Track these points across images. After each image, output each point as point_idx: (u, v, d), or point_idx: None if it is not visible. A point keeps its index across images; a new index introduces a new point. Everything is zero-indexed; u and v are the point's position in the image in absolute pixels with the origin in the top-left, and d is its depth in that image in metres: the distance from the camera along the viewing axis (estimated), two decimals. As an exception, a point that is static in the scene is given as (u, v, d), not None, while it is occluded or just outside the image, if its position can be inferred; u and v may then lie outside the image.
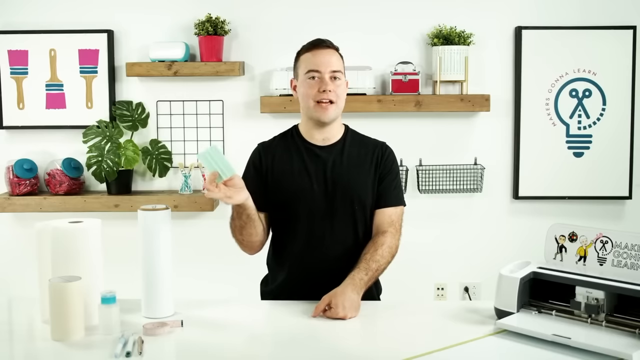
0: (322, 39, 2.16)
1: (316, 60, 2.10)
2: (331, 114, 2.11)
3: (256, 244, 2.14)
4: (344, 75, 2.16)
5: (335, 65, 2.10)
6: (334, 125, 2.16)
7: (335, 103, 2.10)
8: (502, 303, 1.84)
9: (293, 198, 2.13)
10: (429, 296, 3.59)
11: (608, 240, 1.82)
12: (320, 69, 2.09)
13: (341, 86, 2.12)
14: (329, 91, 2.08)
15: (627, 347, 1.59)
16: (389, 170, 2.18)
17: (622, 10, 3.48)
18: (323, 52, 2.11)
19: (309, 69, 2.10)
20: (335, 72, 2.10)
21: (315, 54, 2.11)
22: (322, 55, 2.10)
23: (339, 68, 2.12)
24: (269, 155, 2.18)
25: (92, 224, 1.89)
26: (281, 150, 2.19)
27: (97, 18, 3.46)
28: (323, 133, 2.16)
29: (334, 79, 2.10)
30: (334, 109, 2.11)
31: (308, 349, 1.71)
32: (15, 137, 3.52)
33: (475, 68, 3.47)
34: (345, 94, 2.16)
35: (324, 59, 2.10)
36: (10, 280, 3.44)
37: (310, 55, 2.12)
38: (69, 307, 1.74)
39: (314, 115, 2.12)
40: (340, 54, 2.16)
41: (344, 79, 2.15)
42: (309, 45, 2.15)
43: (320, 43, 2.13)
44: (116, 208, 3.37)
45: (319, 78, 2.09)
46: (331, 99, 2.09)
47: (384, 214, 2.16)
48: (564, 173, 3.52)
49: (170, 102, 3.51)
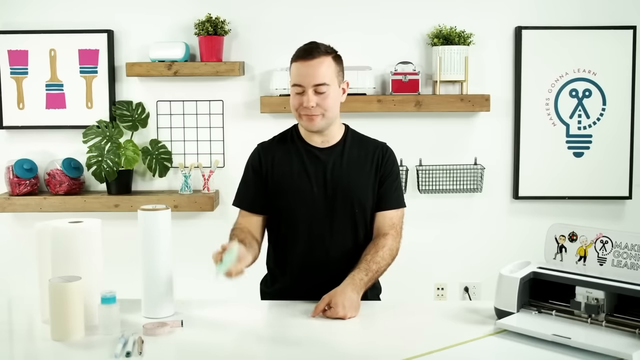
0: (313, 46, 2.07)
1: (301, 73, 2.04)
2: (318, 124, 2.07)
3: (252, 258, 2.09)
4: (339, 79, 2.09)
5: (320, 77, 2.03)
6: (331, 128, 2.13)
7: (320, 115, 2.05)
8: (502, 303, 1.84)
9: (293, 201, 2.12)
10: (429, 296, 3.59)
11: (608, 240, 1.82)
12: (303, 83, 2.04)
13: (329, 96, 2.04)
14: (312, 107, 2.04)
15: (627, 347, 1.59)
16: (390, 172, 2.17)
17: (622, 10, 3.48)
18: (308, 65, 2.03)
19: (294, 83, 2.07)
20: (319, 86, 2.03)
21: (301, 65, 2.05)
22: (306, 68, 2.03)
23: (324, 80, 2.03)
24: (269, 157, 2.16)
25: (92, 224, 1.89)
26: (281, 152, 2.17)
27: (97, 18, 3.46)
28: (321, 136, 2.15)
29: (318, 93, 2.03)
30: (320, 120, 2.06)
31: (308, 349, 1.71)
32: (15, 137, 3.52)
33: (475, 68, 3.47)
34: (336, 101, 2.09)
35: (308, 71, 2.03)
36: (10, 280, 3.44)
37: (297, 66, 2.06)
38: (69, 307, 1.74)
39: (302, 125, 2.12)
40: (336, 57, 2.10)
41: (336, 86, 2.07)
42: (298, 53, 2.07)
43: (308, 54, 2.04)
44: (116, 208, 3.37)
45: (302, 92, 2.05)
46: (314, 113, 2.05)
47: (384, 217, 2.15)
48: (564, 173, 3.52)
49: (170, 102, 3.51)
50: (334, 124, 2.13)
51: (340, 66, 2.11)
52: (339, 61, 2.12)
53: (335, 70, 2.08)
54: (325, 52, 2.07)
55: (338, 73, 2.10)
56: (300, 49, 2.08)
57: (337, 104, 2.10)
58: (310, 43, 2.09)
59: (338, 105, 2.11)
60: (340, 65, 2.12)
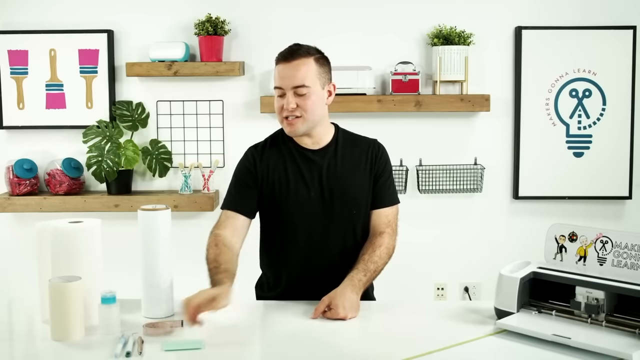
0: (294, 48, 2.05)
1: (281, 76, 2.04)
2: (299, 128, 2.06)
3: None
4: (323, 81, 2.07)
5: (299, 79, 2.01)
6: (319, 129, 2.11)
7: (301, 117, 2.04)
8: (502, 303, 1.84)
9: (290, 206, 2.11)
10: (429, 296, 3.59)
11: (608, 240, 1.82)
12: (282, 85, 2.03)
13: (309, 98, 2.02)
14: (292, 109, 2.03)
15: (627, 347, 1.59)
16: (384, 169, 2.17)
17: (622, 10, 3.48)
18: (288, 66, 2.02)
19: (275, 85, 2.06)
20: (299, 88, 2.01)
21: (281, 68, 2.04)
22: (286, 70, 2.02)
23: (304, 81, 2.01)
24: (264, 162, 2.13)
25: (92, 224, 1.89)
26: (275, 156, 2.14)
27: (97, 18, 3.46)
28: (310, 138, 2.13)
29: (298, 95, 2.02)
30: (301, 123, 2.05)
31: (308, 349, 1.71)
32: (15, 137, 3.52)
33: (475, 68, 3.47)
34: (319, 102, 2.05)
35: (288, 73, 2.02)
36: (10, 280, 3.44)
37: (279, 68, 2.05)
38: (69, 307, 1.74)
39: (285, 130, 2.11)
40: (319, 58, 2.07)
41: (318, 87, 2.05)
42: (279, 56, 2.07)
43: (288, 56, 2.03)
44: (116, 208, 3.37)
45: (283, 94, 2.04)
46: (295, 115, 2.04)
47: (380, 215, 2.15)
48: (564, 173, 3.52)
49: (170, 102, 3.51)
50: (320, 126, 2.11)
51: (323, 68, 2.08)
52: (323, 62, 2.09)
53: (316, 72, 2.05)
54: (307, 53, 2.05)
55: (320, 75, 2.06)
56: (282, 51, 2.07)
57: (319, 107, 2.07)
58: (293, 45, 2.08)
59: (322, 108, 2.08)
60: (324, 67, 2.09)
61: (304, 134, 2.10)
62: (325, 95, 2.09)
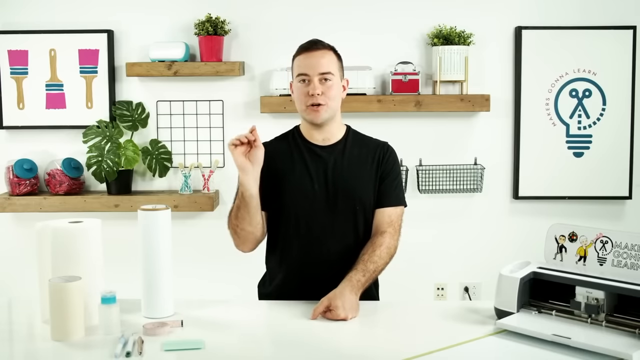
0: (315, 41, 2.14)
1: (305, 64, 2.10)
2: (323, 115, 2.10)
3: (250, 237, 2.10)
4: (341, 74, 2.15)
5: (324, 67, 2.09)
6: (332, 125, 2.16)
7: (325, 105, 2.09)
8: (502, 303, 1.84)
9: (294, 198, 2.13)
10: (429, 296, 3.59)
11: (608, 240, 1.82)
12: (308, 72, 2.09)
13: (333, 87, 2.10)
14: (317, 95, 2.07)
15: (627, 347, 1.59)
16: (390, 170, 2.18)
17: (622, 10, 3.48)
18: (313, 55, 2.09)
19: (299, 73, 2.11)
20: (325, 74, 2.08)
21: (305, 57, 2.11)
22: (311, 58, 2.09)
23: (329, 69, 2.09)
24: (271, 152, 2.15)
25: (92, 224, 1.89)
26: (282, 149, 2.19)
27: (97, 18, 3.46)
28: (322, 133, 2.16)
29: (325, 80, 2.09)
30: (325, 110, 2.10)
31: (308, 349, 1.71)
32: (15, 137, 3.52)
33: (475, 68, 3.47)
34: (339, 93, 2.14)
35: (313, 61, 2.09)
36: (10, 280, 3.44)
37: (301, 58, 2.12)
38: (69, 307, 1.74)
39: (307, 118, 2.14)
40: (337, 53, 2.16)
41: (338, 79, 2.13)
42: (301, 48, 2.14)
43: (311, 46, 2.12)
44: (116, 208, 3.37)
45: (308, 81, 2.09)
46: (320, 102, 2.08)
47: (383, 214, 2.16)
48: (564, 173, 3.52)
49: (170, 102, 3.51)
50: (334, 120, 2.16)
51: (340, 63, 2.17)
52: (340, 58, 2.18)
53: (337, 64, 2.14)
54: (328, 46, 2.15)
55: (339, 68, 2.16)
56: (303, 44, 2.15)
57: (339, 97, 2.15)
58: (312, 39, 2.16)
59: (340, 99, 2.16)
60: (340, 62, 2.17)
61: (324, 123, 2.13)
62: (342, 89, 2.17)
